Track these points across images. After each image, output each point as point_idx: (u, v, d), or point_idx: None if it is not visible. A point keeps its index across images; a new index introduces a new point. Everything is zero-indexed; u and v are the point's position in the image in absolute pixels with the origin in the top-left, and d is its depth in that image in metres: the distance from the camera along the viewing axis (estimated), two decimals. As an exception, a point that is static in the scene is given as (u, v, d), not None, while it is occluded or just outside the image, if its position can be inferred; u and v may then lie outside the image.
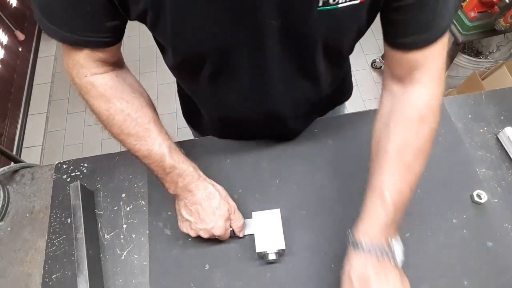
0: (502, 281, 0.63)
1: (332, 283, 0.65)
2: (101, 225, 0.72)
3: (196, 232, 0.64)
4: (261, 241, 0.64)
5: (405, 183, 0.54)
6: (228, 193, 0.67)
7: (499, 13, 1.32)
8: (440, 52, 0.53)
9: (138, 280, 0.67)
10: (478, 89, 1.48)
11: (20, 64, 2.21)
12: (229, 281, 0.66)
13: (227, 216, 0.64)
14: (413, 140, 0.54)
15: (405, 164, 0.54)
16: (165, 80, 2.21)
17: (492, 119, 0.80)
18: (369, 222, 0.54)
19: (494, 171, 0.74)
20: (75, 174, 0.78)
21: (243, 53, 0.53)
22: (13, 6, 2.25)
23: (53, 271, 0.68)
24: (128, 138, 0.59)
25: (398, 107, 0.56)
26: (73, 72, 0.56)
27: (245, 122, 0.72)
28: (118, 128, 0.58)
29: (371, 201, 0.55)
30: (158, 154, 0.59)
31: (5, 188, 0.77)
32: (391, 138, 0.55)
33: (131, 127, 0.58)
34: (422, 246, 0.67)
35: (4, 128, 1.93)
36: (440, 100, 0.55)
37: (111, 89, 0.57)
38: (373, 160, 0.57)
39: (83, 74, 0.56)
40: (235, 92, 0.62)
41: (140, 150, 0.59)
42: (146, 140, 0.59)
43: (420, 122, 0.54)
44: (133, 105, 0.59)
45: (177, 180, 0.61)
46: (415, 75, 0.54)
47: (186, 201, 0.63)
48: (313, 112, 0.81)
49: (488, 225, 0.68)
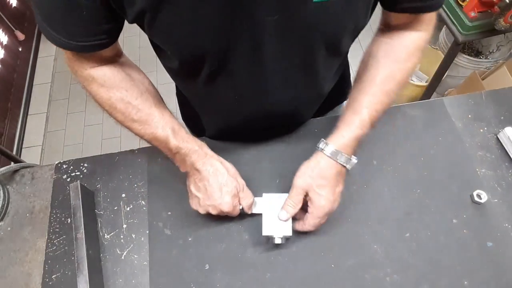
0: (502, 281, 0.63)
1: (332, 283, 0.65)
2: (101, 225, 0.72)
3: (205, 208, 0.64)
4: (268, 224, 0.64)
5: (381, 106, 0.61)
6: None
7: (499, 13, 1.31)
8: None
9: (138, 280, 0.67)
10: (478, 89, 1.48)
11: (20, 64, 2.21)
12: (229, 281, 0.66)
13: (235, 192, 0.64)
14: (398, 74, 0.62)
15: (386, 92, 0.61)
16: (165, 80, 2.19)
17: (492, 119, 0.80)
18: (345, 131, 0.61)
19: (494, 171, 0.74)
20: (75, 174, 0.78)
21: (242, 52, 0.53)
22: (13, 6, 2.25)
23: (53, 271, 0.68)
24: (133, 124, 0.62)
25: (389, 46, 0.63)
26: (74, 66, 0.59)
27: (244, 122, 0.72)
28: (122, 115, 0.61)
29: (349, 115, 0.62)
30: (162, 137, 0.61)
31: (5, 188, 0.77)
32: (379, 69, 0.62)
33: (133, 113, 0.61)
34: (422, 246, 0.67)
35: (4, 128, 1.94)
36: (427, 42, 0.63)
37: (110, 79, 0.60)
38: (357, 84, 0.64)
39: (83, 67, 0.58)
40: (234, 91, 0.63)
41: (145, 134, 0.62)
42: (150, 124, 0.61)
43: (407, 59, 0.62)
44: (133, 92, 0.61)
45: (184, 159, 0.63)
46: (411, 26, 0.61)
47: (195, 178, 0.64)
48: (312, 110, 0.80)
49: (488, 225, 0.68)
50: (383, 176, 0.74)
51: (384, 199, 0.72)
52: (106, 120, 2.13)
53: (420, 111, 0.82)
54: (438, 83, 1.72)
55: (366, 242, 0.68)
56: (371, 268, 0.65)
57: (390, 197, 0.72)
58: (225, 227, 0.70)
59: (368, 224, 0.69)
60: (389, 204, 0.71)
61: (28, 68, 2.27)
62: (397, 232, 0.68)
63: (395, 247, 0.67)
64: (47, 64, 2.35)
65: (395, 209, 0.70)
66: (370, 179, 0.74)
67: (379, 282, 0.64)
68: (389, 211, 0.70)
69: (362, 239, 0.68)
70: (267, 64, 0.56)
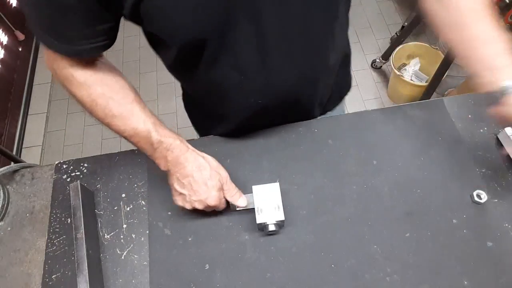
0: (502, 281, 0.63)
1: (332, 283, 0.65)
2: (101, 225, 0.72)
3: (191, 204, 0.64)
4: (261, 213, 0.65)
5: (496, 26, 0.56)
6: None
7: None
8: None
9: (138, 280, 0.67)
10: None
11: (20, 64, 2.21)
12: (229, 281, 0.66)
13: (220, 186, 0.64)
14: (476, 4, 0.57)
15: (484, 14, 0.57)
16: (165, 80, 2.21)
17: (492, 119, 0.80)
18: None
19: (494, 171, 0.74)
20: (75, 174, 0.78)
21: (242, 26, 0.53)
22: (13, 6, 2.25)
23: (53, 271, 0.68)
24: (113, 120, 0.60)
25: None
26: (54, 65, 0.58)
27: (251, 109, 0.71)
28: (102, 112, 0.60)
29: (488, 49, 0.56)
30: (144, 131, 0.60)
31: (5, 188, 0.77)
32: (460, 5, 0.58)
33: (114, 109, 0.59)
34: (422, 246, 0.67)
35: (4, 128, 1.93)
36: None
37: (91, 76, 0.59)
38: (452, 29, 0.59)
39: (63, 66, 0.57)
40: (238, 71, 0.62)
41: (126, 130, 0.61)
42: (131, 119, 0.60)
43: None
44: (114, 87, 0.60)
45: (166, 154, 0.62)
46: None
47: (178, 175, 0.63)
48: (319, 94, 0.79)
49: (488, 225, 0.68)
50: (383, 176, 0.74)
51: (384, 199, 0.72)
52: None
53: (420, 111, 0.82)
54: (438, 83, 1.72)
55: (366, 242, 0.68)
56: (371, 268, 0.65)
57: (390, 197, 0.72)
58: (225, 227, 0.70)
59: (368, 224, 0.69)
60: (389, 204, 0.71)
61: (28, 68, 2.27)
62: (397, 232, 0.68)
63: (395, 247, 0.67)
64: (47, 64, 2.35)
65: (395, 209, 0.70)
66: (370, 179, 0.74)
67: (379, 282, 0.64)
68: (389, 211, 0.70)
69: (362, 239, 0.68)
70: (268, 37, 0.56)
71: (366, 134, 0.79)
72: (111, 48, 0.58)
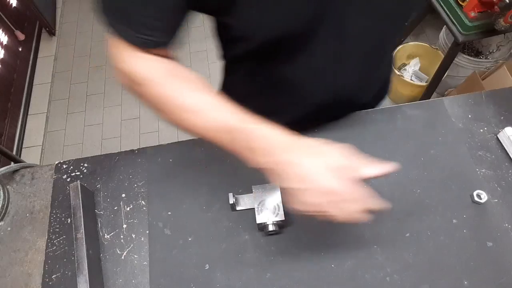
0: (502, 281, 0.63)
1: (332, 283, 0.65)
2: (101, 225, 0.72)
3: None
4: (261, 213, 0.65)
5: None
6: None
7: (499, 13, 1.32)
8: None
9: (138, 280, 0.67)
10: (478, 89, 1.48)
11: (20, 64, 2.21)
12: (229, 281, 0.66)
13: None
14: None
15: None
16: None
17: (492, 119, 0.80)
18: None
19: (494, 171, 0.74)
20: (75, 174, 0.78)
21: (325, 32, 0.53)
22: (13, 6, 2.25)
23: (53, 271, 0.68)
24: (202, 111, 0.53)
25: None
26: (123, 56, 0.51)
27: (307, 110, 0.71)
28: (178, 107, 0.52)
29: None
30: (234, 120, 0.52)
31: (5, 188, 0.77)
32: None
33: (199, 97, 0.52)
34: (422, 246, 0.67)
35: (4, 128, 1.93)
36: None
37: (174, 69, 0.53)
38: None
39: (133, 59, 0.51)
40: (310, 74, 0.62)
41: (209, 121, 0.53)
42: (220, 110, 0.52)
43: None
44: (196, 79, 0.54)
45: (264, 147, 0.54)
46: None
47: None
48: (364, 99, 0.80)
49: (488, 225, 0.68)
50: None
51: (384, 199, 0.72)
52: (106, 120, 2.13)
53: (420, 111, 0.82)
54: (438, 83, 1.73)
55: (366, 242, 0.68)
56: (371, 268, 0.65)
57: (390, 197, 0.72)
58: (225, 227, 0.70)
59: (368, 224, 0.69)
60: (389, 204, 0.71)
61: (28, 68, 2.27)
62: (397, 232, 0.68)
63: (395, 247, 0.67)
64: (47, 64, 2.35)
65: (395, 209, 0.70)
66: (370, 179, 0.74)
67: (379, 282, 0.64)
68: (389, 211, 0.70)
69: (362, 239, 0.68)
70: (346, 43, 0.56)
71: (366, 134, 0.79)
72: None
